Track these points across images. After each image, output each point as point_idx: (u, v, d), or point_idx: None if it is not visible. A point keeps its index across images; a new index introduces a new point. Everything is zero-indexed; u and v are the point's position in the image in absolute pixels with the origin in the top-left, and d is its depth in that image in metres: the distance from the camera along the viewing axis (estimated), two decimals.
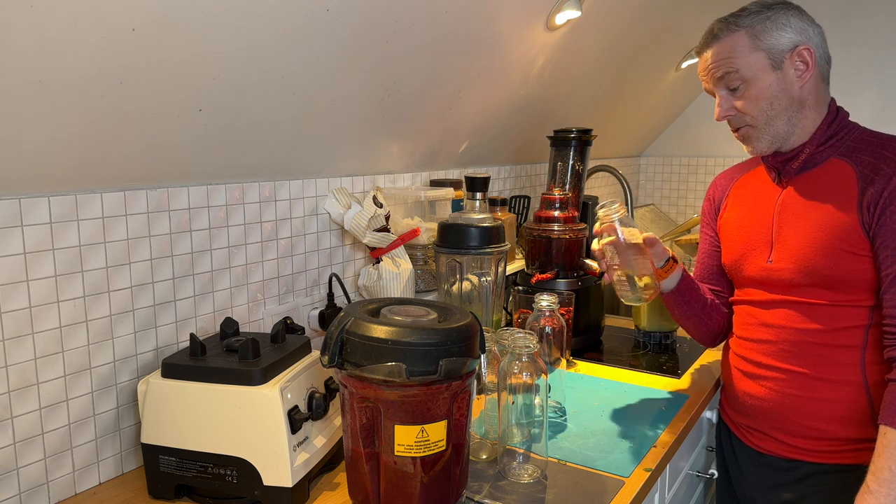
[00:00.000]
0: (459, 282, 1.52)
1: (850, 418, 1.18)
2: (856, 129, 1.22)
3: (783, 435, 1.26)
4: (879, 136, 1.20)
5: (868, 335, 1.16)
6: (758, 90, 1.19)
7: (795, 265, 1.20)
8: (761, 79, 1.19)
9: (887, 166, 1.13)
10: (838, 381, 1.18)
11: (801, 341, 1.21)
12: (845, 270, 1.15)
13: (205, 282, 1.26)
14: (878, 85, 2.76)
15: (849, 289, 1.16)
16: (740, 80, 1.20)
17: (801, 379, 1.21)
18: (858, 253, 1.14)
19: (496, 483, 1.10)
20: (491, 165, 2.15)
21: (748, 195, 1.33)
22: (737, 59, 1.19)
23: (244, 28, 1.02)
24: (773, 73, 1.19)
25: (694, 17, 2.28)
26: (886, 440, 1.06)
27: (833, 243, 1.15)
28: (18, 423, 1.00)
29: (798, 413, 1.22)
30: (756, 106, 1.20)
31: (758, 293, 1.29)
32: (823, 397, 1.20)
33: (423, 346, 0.92)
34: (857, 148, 1.19)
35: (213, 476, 1.03)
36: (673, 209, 3.35)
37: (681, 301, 1.38)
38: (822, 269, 1.17)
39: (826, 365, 1.19)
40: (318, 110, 1.30)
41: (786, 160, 1.24)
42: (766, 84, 1.19)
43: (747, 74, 1.19)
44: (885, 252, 1.11)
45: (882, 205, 1.11)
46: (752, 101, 1.20)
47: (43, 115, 0.90)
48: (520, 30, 1.62)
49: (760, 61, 1.19)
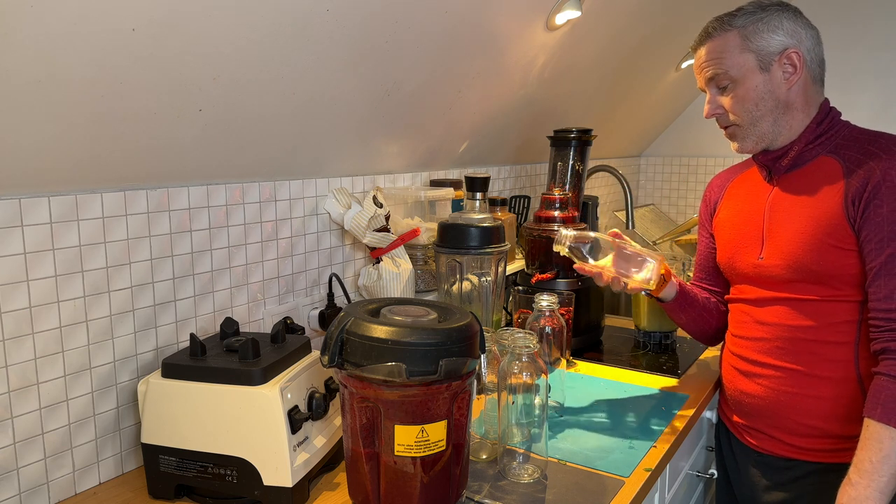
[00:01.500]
0: (459, 282, 1.52)
1: (847, 415, 1.18)
2: (845, 128, 1.23)
3: (780, 433, 1.26)
4: (868, 133, 1.21)
5: (860, 331, 1.17)
6: (744, 90, 1.21)
7: (784, 261, 1.21)
8: (749, 79, 1.21)
9: (872, 161, 1.14)
10: (833, 378, 1.19)
11: (795, 338, 1.22)
12: (832, 265, 1.15)
13: (205, 282, 1.26)
14: (877, 85, 2.76)
15: (837, 283, 1.17)
16: (729, 80, 1.22)
17: (795, 376, 1.22)
18: (845, 247, 1.14)
19: (496, 483, 1.10)
20: (491, 165, 2.15)
21: (741, 195, 1.35)
22: (727, 59, 1.21)
23: (244, 28, 1.02)
24: (760, 74, 1.20)
25: (694, 17, 2.28)
26: (868, 432, 1.07)
27: (820, 238, 1.16)
28: (18, 423, 1.00)
29: (794, 410, 1.23)
30: (742, 106, 1.22)
31: (751, 290, 1.30)
32: (819, 394, 1.20)
33: (423, 346, 0.92)
34: (846, 145, 1.20)
35: (213, 476, 1.03)
36: (673, 209, 3.35)
37: (679, 310, 1.42)
38: (809, 264, 1.17)
39: (820, 362, 1.20)
40: (318, 110, 1.30)
41: (775, 158, 1.25)
42: (753, 85, 1.21)
43: (735, 75, 1.21)
44: (870, 245, 1.11)
45: (866, 198, 1.12)
46: (739, 102, 1.23)
47: (43, 115, 0.90)
48: (520, 30, 1.62)
49: (749, 62, 1.20)
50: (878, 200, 1.11)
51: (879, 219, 1.10)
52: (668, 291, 1.39)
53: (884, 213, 1.10)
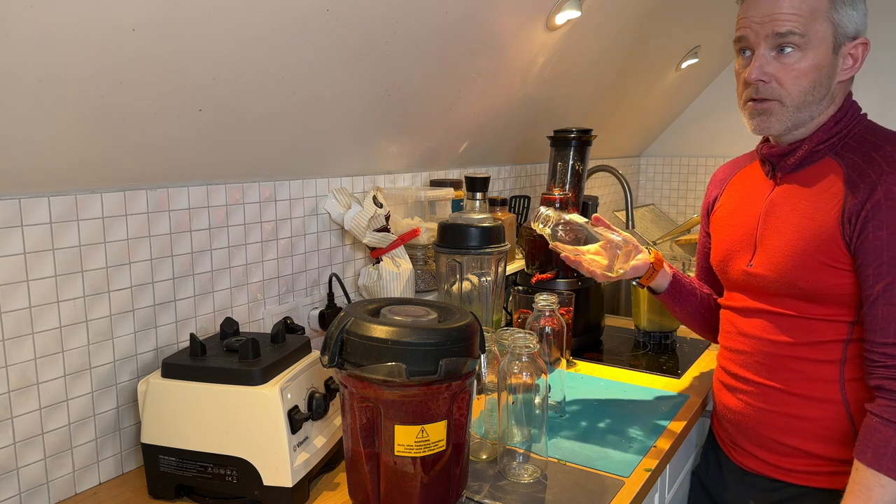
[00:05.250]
0: (459, 282, 1.52)
1: (831, 437, 1.11)
2: (859, 125, 1.13)
3: (761, 452, 1.20)
4: (877, 134, 1.11)
5: (847, 350, 1.09)
6: (810, 65, 1.06)
7: (773, 273, 1.13)
8: (820, 54, 1.05)
9: (874, 172, 1.04)
10: (816, 399, 1.12)
11: (775, 354, 1.15)
12: (823, 284, 1.08)
13: (205, 282, 1.26)
14: (877, 85, 2.76)
15: (827, 303, 1.09)
16: (800, 45, 1.05)
17: (775, 394, 1.15)
18: (838, 266, 1.06)
19: (496, 483, 1.10)
20: (491, 165, 2.15)
21: (740, 192, 1.26)
22: (810, 21, 1.04)
23: (244, 28, 1.02)
24: (830, 54, 1.06)
25: (694, 16, 2.28)
26: (858, 476, 1.01)
27: (811, 254, 1.08)
28: (18, 423, 1.00)
29: (773, 429, 1.17)
30: (797, 83, 1.07)
31: (739, 298, 1.23)
32: (801, 414, 1.13)
33: (423, 346, 0.92)
34: (852, 146, 1.10)
35: (213, 476, 1.03)
36: (673, 209, 3.35)
37: (673, 301, 1.38)
38: (799, 280, 1.10)
39: (802, 381, 1.13)
40: (318, 110, 1.30)
41: (781, 155, 1.15)
42: (821, 63, 1.05)
43: (811, 42, 1.04)
44: (867, 271, 1.03)
45: (864, 217, 1.02)
46: (799, 75, 1.06)
47: (43, 115, 0.90)
48: (520, 30, 1.62)
49: (828, 35, 1.05)
50: (877, 221, 1.01)
51: (878, 242, 1.01)
52: (659, 282, 1.34)
53: (883, 237, 1.01)
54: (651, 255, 1.33)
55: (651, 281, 1.34)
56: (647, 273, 1.32)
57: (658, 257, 1.34)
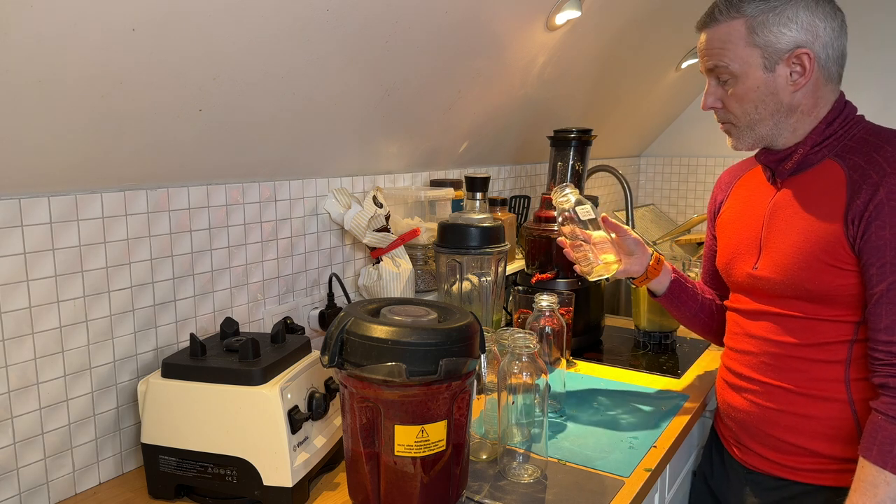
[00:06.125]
0: (459, 282, 1.52)
1: (836, 435, 1.12)
2: (857, 126, 1.14)
3: (767, 451, 1.21)
4: (879, 134, 1.11)
5: (852, 351, 1.11)
6: (745, 89, 1.12)
7: (778, 275, 1.14)
8: (750, 78, 1.11)
9: (876, 173, 1.05)
10: (821, 398, 1.13)
11: (782, 354, 1.16)
12: (828, 285, 1.09)
13: (205, 282, 1.26)
14: (877, 85, 2.76)
15: (832, 304, 1.10)
16: (729, 74, 1.12)
17: (782, 394, 1.17)
18: (843, 267, 1.07)
19: (496, 483, 1.10)
20: (491, 165, 2.15)
21: (745, 195, 1.28)
22: (729, 51, 1.11)
23: (244, 28, 1.02)
24: (763, 73, 1.10)
25: (694, 16, 2.28)
26: (863, 474, 1.01)
27: (816, 255, 1.09)
28: (18, 423, 1.00)
29: (779, 428, 1.18)
30: (740, 106, 1.14)
31: (744, 301, 1.24)
32: (806, 413, 1.14)
33: (423, 346, 0.92)
34: (853, 148, 1.11)
35: (213, 476, 1.03)
36: (673, 209, 3.35)
37: (673, 304, 1.38)
38: (804, 282, 1.11)
39: (808, 380, 1.14)
40: (318, 110, 1.30)
41: (779, 160, 1.17)
42: (754, 85, 1.11)
43: (737, 70, 1.11)
44: (871, 270, 1.04)
45: (867, 218, 1.04)
46: (738, 100, 1.13)
47: (43, 115, 0.90)
48: (520, 30, 1.62)
49: (753, 58, 1.10)
50: (880, 221, 1.03)
51: (881, 242, 1.03)
52: (657, 284, 1.35)
53: (886, 236, 1.02)
54: (651, 258, 1.34)
55: (646, 283, 1.35)
56: (640, 277, 1.35)
57: (657, 259, 1.35)
